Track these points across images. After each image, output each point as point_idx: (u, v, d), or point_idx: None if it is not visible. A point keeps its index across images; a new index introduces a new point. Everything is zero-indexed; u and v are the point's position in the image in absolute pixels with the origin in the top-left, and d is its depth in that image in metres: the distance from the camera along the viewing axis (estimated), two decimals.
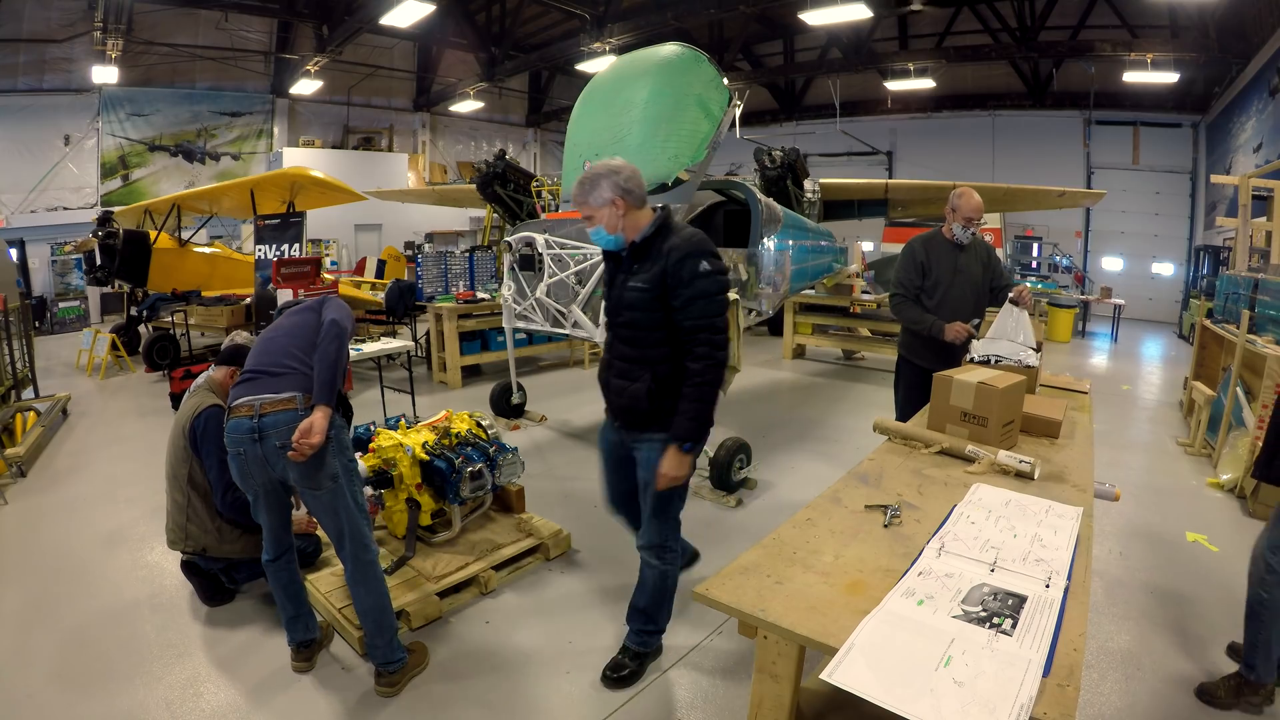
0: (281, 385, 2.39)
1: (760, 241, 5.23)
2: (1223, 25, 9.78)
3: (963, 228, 3.62)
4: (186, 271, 9.10)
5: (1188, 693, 2.60)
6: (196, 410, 2.97)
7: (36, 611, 3.09)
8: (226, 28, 13.84)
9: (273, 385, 2.39)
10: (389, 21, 10.69)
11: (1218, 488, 4.69)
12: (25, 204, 12.33)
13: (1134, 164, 13.21)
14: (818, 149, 15.40)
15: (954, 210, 3.62)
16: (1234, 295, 6.18)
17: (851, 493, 2.06)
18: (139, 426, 6.05)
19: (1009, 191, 9.08)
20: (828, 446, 5.45)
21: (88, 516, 4.13)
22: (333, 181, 8.28)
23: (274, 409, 2.36)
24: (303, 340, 2.49)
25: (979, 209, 3.61)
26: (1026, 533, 1.77)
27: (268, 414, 2.35)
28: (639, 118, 4.47)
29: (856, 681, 1.22)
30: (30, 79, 12.12)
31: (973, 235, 3.67)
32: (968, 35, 13.50)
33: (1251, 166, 8.92)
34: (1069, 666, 1.25)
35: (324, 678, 2.63)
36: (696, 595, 1.53)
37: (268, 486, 2.47)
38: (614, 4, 12.13)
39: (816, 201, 7.81)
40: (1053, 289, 12.05)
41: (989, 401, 2.43)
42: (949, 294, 3.62)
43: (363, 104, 16.81)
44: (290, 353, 2.46)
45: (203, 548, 2.98)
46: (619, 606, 3.10)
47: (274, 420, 2.35)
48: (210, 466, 2.92)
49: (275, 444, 2.35)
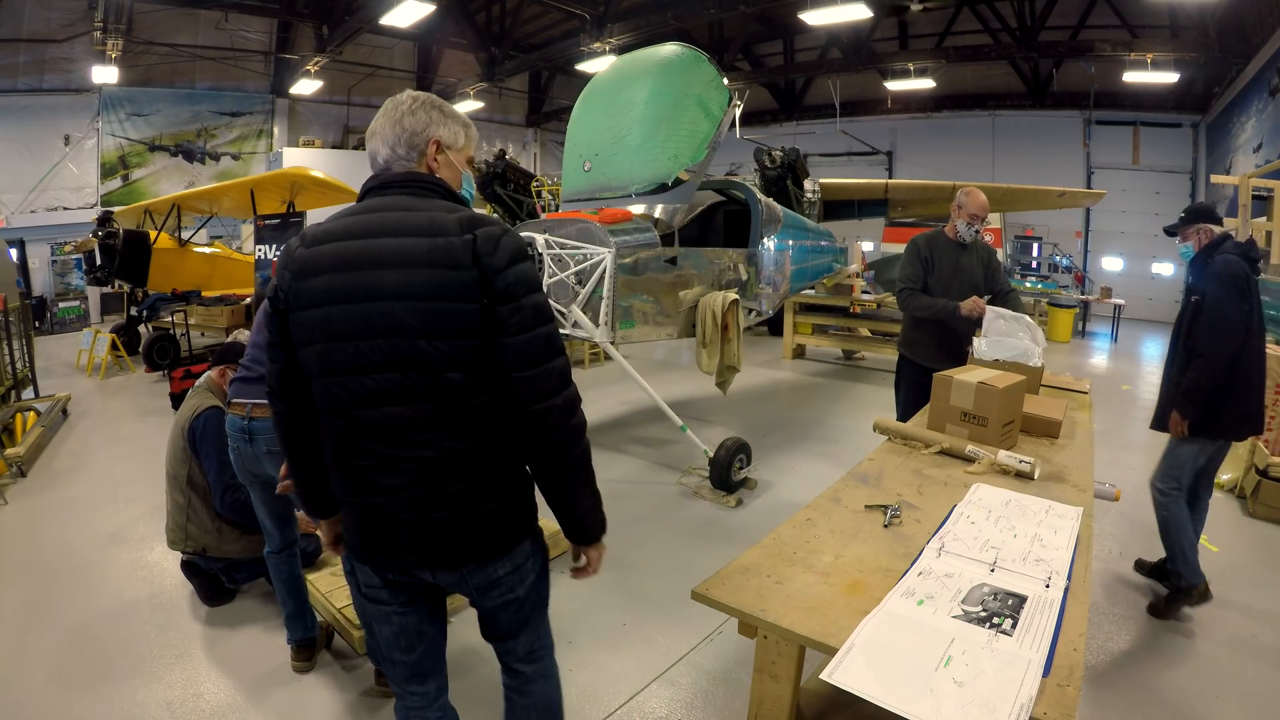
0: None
1: (760, 241, 5.23)
2: (1223, 25, 9.77)
3: (967, 225, 3.63)
4: (186, 271, 9.11)
5: (1187, 692, 2.60)
6: (195, 411, 2.97)
7: (36, 611, 3.09)
8: (226, 28, 13.83)
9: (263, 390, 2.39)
10: (389, 21, 10.68)
11: (1218, 488, 4.69)
12: (25, 204, 12.32)
13: (1134, 164, 13.19)
14: (818, 149, 15.39)
15: (960, 207, 3.65)
16: None
17: (851, 493, 2.06)
18: (139, 426, 6.05)
19: (1009, 191, 9.08)
20: (828, 446, 5.45)
21: (88, 516, 4.13)
22: (333, 181, 8.27)
23: (263, 414, 2.38)
24: None
25: (985, 208, 3.62)
26: (1026, 533, 1.77)
27: (257, 418, 2.39)
28: (639, 118, 4.47)
29: (856, 681, 1.22)
30: (30, 79, 12.11)
31: (976, 234, 3.68)
32: (968, 35, 13.49)
33: (1251, 166, 8.91)
34: (1069, 666, 1.25)
35: (324, 677, 2.63)
36: (696, 595, 1.53)
37: (263, 480, 2.50)
38: (614, 4, 12.13)
39: (816, 201, 7.83)
40: (1053, 289, 12.05)
41: (989, 401, 2.43)
42: (950, 292, 3.62)
43: (363, 104, 16.78)
44: None
45: (203, 548, 2.98)
46: (620, 606, 3.10)
47: (263, 425, 2.38)
48: (209, 468, 2.93)
49: (264, 448, 2.37)
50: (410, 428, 1.38)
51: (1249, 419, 3.05)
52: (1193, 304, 3.06)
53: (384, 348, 1.36)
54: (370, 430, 1.39)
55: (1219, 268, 2.95)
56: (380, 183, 1.48)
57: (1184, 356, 3.05)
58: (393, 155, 1.47)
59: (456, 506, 1.42)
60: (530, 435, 1.43)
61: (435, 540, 1.43)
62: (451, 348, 1.36)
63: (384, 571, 1.50)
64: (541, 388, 1.40)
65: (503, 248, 1.38)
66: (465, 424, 1.40)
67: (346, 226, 1.43)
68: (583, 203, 4.79)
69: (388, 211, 1.42)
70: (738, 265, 5.03)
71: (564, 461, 1.46)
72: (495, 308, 1.36)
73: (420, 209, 1.42)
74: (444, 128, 1.51)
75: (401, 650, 1.58)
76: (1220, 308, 2.92)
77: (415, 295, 1.35)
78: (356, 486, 1.44)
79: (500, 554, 1.50)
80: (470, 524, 1.44)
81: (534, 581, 1.59)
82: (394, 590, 1.53)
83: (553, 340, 1.44)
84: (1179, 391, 3.01)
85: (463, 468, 1.41)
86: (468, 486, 1.42)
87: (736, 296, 4.60)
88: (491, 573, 1.50)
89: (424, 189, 1.46)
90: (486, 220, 1.42)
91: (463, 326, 1.36)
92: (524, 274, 1.40)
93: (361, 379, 1.38)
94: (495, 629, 1.62)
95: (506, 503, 1.48)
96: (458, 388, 1.37)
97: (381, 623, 1.56)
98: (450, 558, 1.46)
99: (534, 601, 1.62)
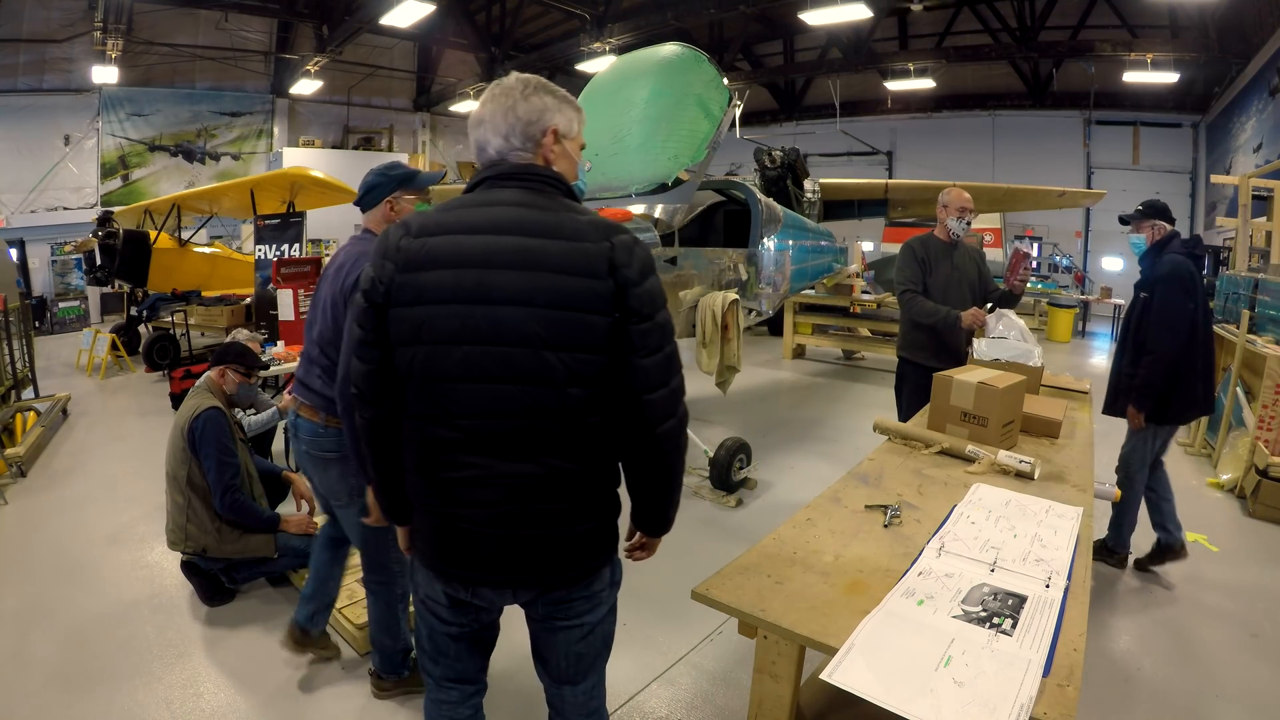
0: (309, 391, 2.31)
1: (760, 241, 5.23)
2: (1223, 25, 9.77)
3: (958, 219, 3.68)
4: (186, 271, 9.09)
5: (1187, 692, 2.60)
6: (195, 412, 2.97)
7: (36, 611, 3.08)
8: (226, 28, 13.83)
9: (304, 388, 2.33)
10: (389, 21, 10.68)
11: (1218, 488, 4.69)
12: (25, 204, 12.32)
13: (1134, 164, 13.19)
14: (818, 149, 15.39)
15: (945, 207, 3.72)
16: (1234, 295, 6.18)
17: (851, 493, 2.06)
18: (139, 426, 6.05)
19: (1009, 191, 9.07)
20: (827, 446, 5.45)
21: (87, 516, 4.12)
22: (333, 181, 8.27)
23: (303, 415, 2.33)
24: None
25: (969, 200, 3.70)
26: (1026, 533, 1.77)
27: (300, 417, 2.33)
28: (639, 118, 4.47)
29: (856, 681, 1.22)
30: (30, 79, 12.10)
31: (967, 226, 3.72)
32: (968, 35, 13.49)
33: (1251, 166, 8.91)
34: (1069, 666, 1.25)
35: (324, 677, 2.63)
36: (696, 595, 1.53)
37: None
38: (614, 4, 12.13)
39: (816, 201, 7.83)
40: (1053, 289, 12.05)
41: (989, 401, 2.43)
42: (948, 292, 3.63)
43: (363, 104, 16.79)
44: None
45: (202, 548, 2.98)
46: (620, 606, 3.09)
47: (304, 425, 2.33)
48: (209, 468, 2.92)
49: (304, 449, 2.35)
50: (519, 442, 1.29)
51: (1195, 404, 3.35)
52: (1141, 300, 3.27)
53: (504, 356, 1.25)
54: (474, 442, 1.30)
55: (1167, 268, 3.18)
56: (498, 173, 1.34)
57: (1133, 350, 3.29)
58: (507, 146, 1.34)
59: (551, 525, 1.34)
60: (645, 452, 1.37)
61: (522, 558, 1.35)
62: (577, 362, 1.26)
63: (452, 588, 1.42)
64: (664, 409, 1.33)
65: (637, 259, 1.28)
66: (575, 442, 1.31)
67: (461, 219, 1.31)
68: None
69: (509, 207, 1.30)
70: (738, 265, 5.03)
71: (671, 472, 1.41)
72: (628, 325, 1.27)
73: (547, 207, 1.30)
74: (560, 114, 1.38)
75: (448, 658, 1.54)
76: (1168, 308, 3.13)
77: (543, 302, 1.24)
78: (441, 496, 1.35)
79: (587, 576, 1.42)
80: (562, 544, 1.36)
81: (605, 614, 1.51)
82: (457, 610, 1.46)
83: (675, 358, 1.36)
84: (1132, 387, 3.26)
85: (562, 486, 1.33)
86: (565, 505, 1.34)
87: (736, 296, 4.59)
88: (567, 594, 1.42)
89: (546, 184, 1.34)
90: (620, 227, 1.32)
91: (591, 340, 1.26)
92: (655, 289, 1.31)
93: (473, 387, 1.27)
94: (555, 662, 1.52)
95: (601, 524, 1.41)
96: (575, 404, 1.28)
97: (434, 632, 1.51)
98: (537, 578, 1.38)
99: (601, 637, 1.53)
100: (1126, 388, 3.32)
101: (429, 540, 1.41)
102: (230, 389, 3.24)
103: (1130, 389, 3.28)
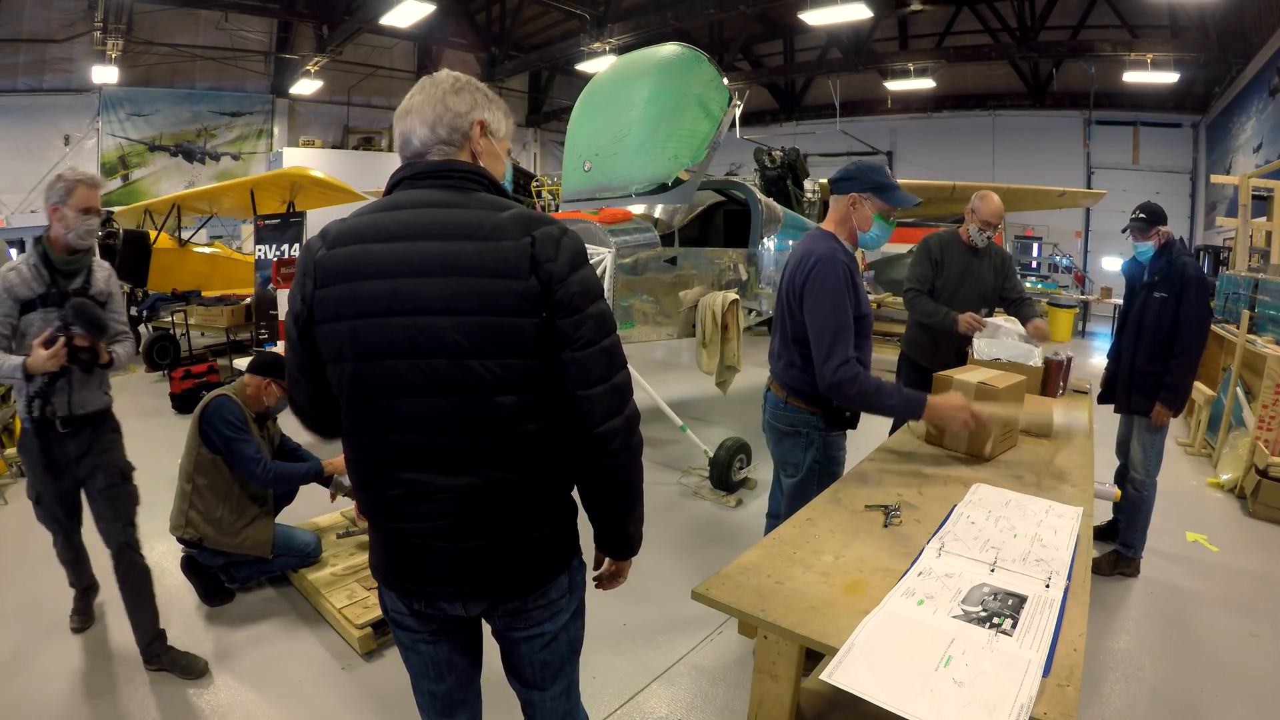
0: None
1: (760, 241, 5.23)
2: (1223, 25, 9.77)
3: (979, 230, 3.62)
4: (186, 271, 9.09)
5: (1187, 692, 2.60)
6: (208, 400, 3.01)
7: (36, 611, 3.08)
8: (226, 28, 13.85)
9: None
10: (389, 21, 10.70)
11: (1218, 488, 4.69)
12: (25, 204, 12.32)
13: (1134, 164, 13.20)
14: (818, 149, 15.35)
15: (973, 211, 3.64)
16: (1234, 295, 6.18)
17: (851, 493, 2.06)
18: (139, 426, 6.03)
19: (1009, 191, 9.06)
20: None
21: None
22: (333, 181, 8.27)
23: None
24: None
25: (998, 213, 3.62)
26: (1026, 533, 1.77)
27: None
28: (639, 118, 4.48)
29: (856, 681, 1.22)
30: (30, 79, 12.12)
31: (988, 239, 3.67)
32: (968, 35, 13.49)
33: (1251, 166, 8.91)
34: (1069, 666, 1.25)
35: (325, 677, 2.63)
36: (696, 595, 1.53)
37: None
38: (614, 4, 12.14)
39: (816, 201, 7.82)
40: (1053, 289, 12.05)
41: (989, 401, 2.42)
42: (956, 296, 3.61)
43: (363, 104, 16.81)
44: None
45: (201, 537, 2.98)
46: (620, 606, 3.10)
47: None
48: (221, 443, 2.93)
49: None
50: (454, 456, 1.23)
51: (1187, 397, 3.49)
52: (1157, 300, 3.31)
53: (428, 369, 1.19)
54: (409, 458, 1.25)
55: (1190, 271, 3.24)
56: (415, 172, 1.27)
57: (1151, 347, 3.31)
58: (432, 137, 1.26)
59: (499, 535, 1.28)
60: (588, 457, 1.29)
61: (473, 571, 1.29)
62: (505, 368, 1.19)
63: (408, 602, 1.36)
64: (605, 407, 1.25)
65: (564, 251, 1.21)
66: (512, 451, 1.24)
67: (375, 224, 1.24)
68: (583, 203, 4.80)
69: (425, 208, 1.23)
70: (738, 265, 5.03)
71: (621, 483, 1.33)
72: (556, 321, 1.20)
73: (465, 205, 1.23)
74: (489, 111, 1.32)
75: (430, 679, 1.46)
76: (1201, 310, 3.22)
77: (463, 309, 1.17)
78: (386, 513, 1.30)
79: (542, 584, 1.36)
80: (514, 553, 1.30)
81: (567, 621, 1.44)
82: (420, 619, 1.39)
83: (615, 353, 1.28)
84: (1164, 385, 3.28)
85: (506, 497, 1.26)
86: (511, 514, 1.28)
87: (736, 296, 4.60)
88: (523, 604, 1.36)
89: (467, 179, 1.27)
90: (543, 219, 1.24)
91: (519, 344, 1.19)
92: (587, 281, 1.24)
93: (401, 403, 1.22)
94: (521, 670, 1.47)
95: (554, 531, 1.35)
96: (509, 413, 1.22)
97: (409, 650, 1.44)
98: (489, 590, 1.32)
99: (566, 643, 1.47)
100: (1146, 386, 3.33)
101: (381, 554, 1.36)
102: (270, 401, 3.17)
103: (1159, 387, 3.29)
